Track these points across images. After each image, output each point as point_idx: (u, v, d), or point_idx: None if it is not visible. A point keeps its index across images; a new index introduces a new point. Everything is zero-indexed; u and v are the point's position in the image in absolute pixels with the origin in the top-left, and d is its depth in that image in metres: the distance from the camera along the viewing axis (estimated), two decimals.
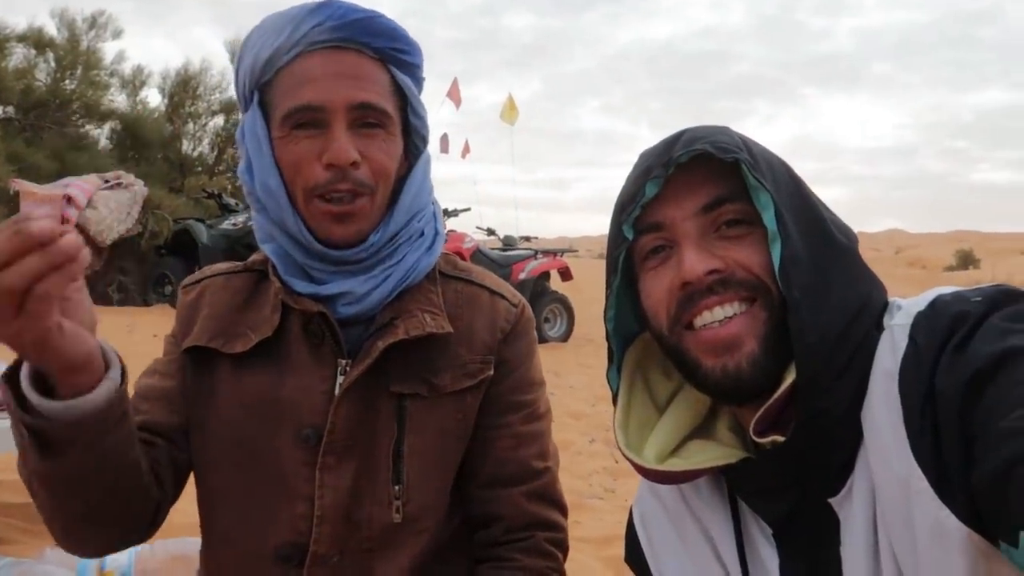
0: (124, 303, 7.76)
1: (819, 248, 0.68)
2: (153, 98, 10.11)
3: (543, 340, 8.54)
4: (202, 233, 7.52)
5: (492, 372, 0.93)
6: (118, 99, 9.81)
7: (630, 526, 0.86)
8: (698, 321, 0.69)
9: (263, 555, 0.87)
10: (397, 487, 0.88)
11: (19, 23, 9.20)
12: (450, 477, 0.92)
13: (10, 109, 8.78)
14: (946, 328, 0.60)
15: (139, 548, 1.93)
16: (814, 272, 0.66)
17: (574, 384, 5.65)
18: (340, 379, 0.88)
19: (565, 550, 0.96)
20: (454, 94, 9.30)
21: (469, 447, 0.93)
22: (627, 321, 0.78)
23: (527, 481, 0.94)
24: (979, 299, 0.62)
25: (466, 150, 11.47)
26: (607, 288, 0.76)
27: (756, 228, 0.68)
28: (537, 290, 8.62)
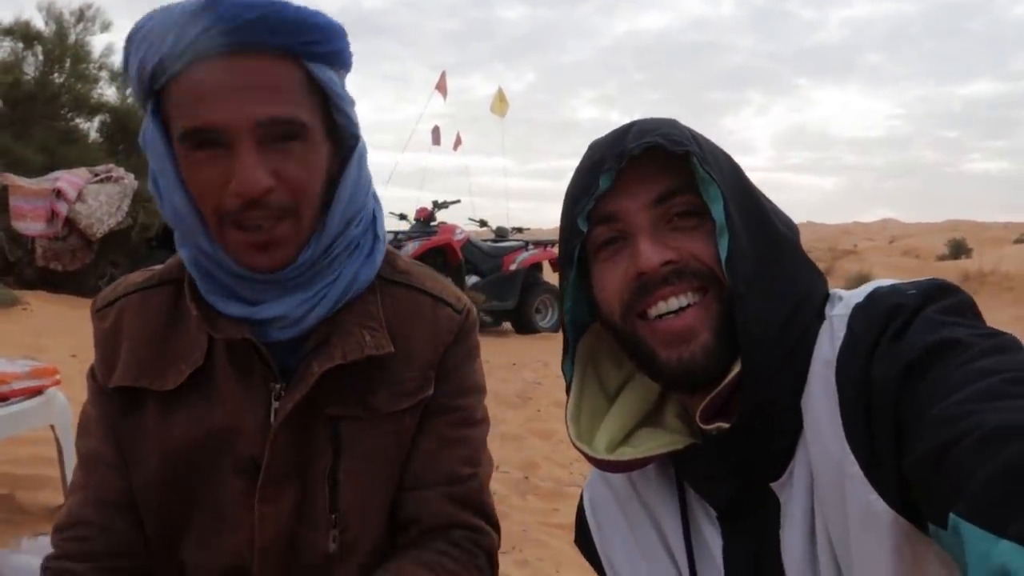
0: None
1: (763, 241, 0.70)
2: None
3: (534, 330, 8.57)
4: None
5: (432, 391, 0.88)
6: (108, 92, 9.77)
7: (580, 510, 0.88)
8: (652, 311, 0.71)
9: (211, 573, 0.85)
10: (334, 515, 0.84)
11: (5, 17, 9.12)
12: (387, 500, 0.87)
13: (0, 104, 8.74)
14: (882, 318, 0.63)
15: None
16: (758, 264, 0.68)
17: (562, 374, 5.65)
18: (275, 404, 0.83)
19: (488, 553, 0.90)
20: (442, 87, 9.28)
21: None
22: (580, 312, 0.79)
23: (451, 484, 0.88)
24: (914, 292, 0.64)
25: (458, 142, 11.45)
26: (562, 280, 0.78)
27: (706, 220, 0.70)
28: (528, 281, 8.65)
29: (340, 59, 0.80)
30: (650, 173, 0.71)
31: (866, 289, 0.68)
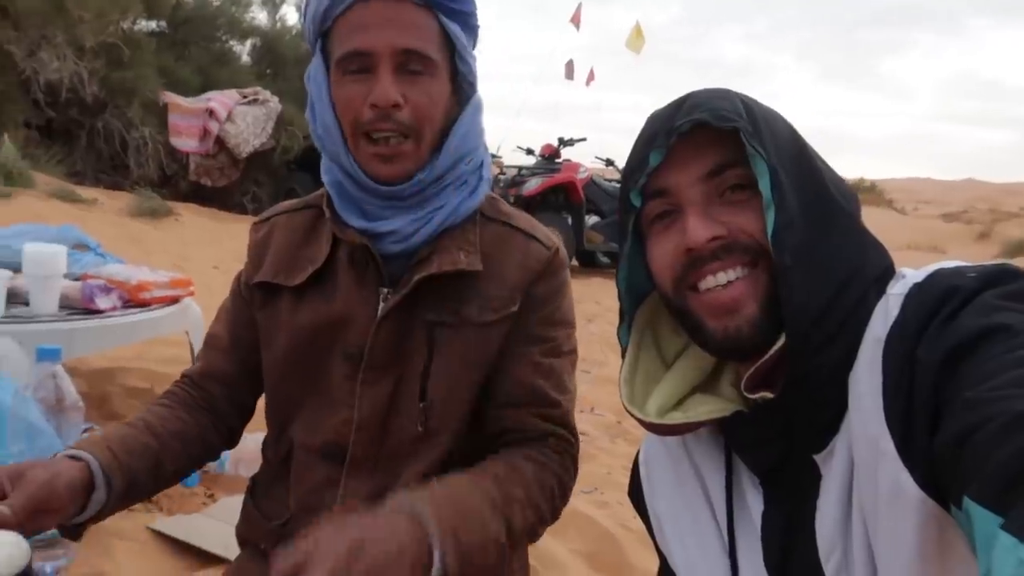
0: (257, 213, 8.23)
1: (815, 213, 0.70)
2: (291, 16, 10.41)
3: None
4: None
5: (516, 308, 0.99)
6: (259, 16, 10.22)
7: (635, 464, 0.92)
8: (702, 284, 0.72)
9: (312, 451, 1.01)
10: (422, 404, 0.98)
11: None
12: (470, 399, 1.00)
13: (162, 23, 9.31)
14: (936, 300, 0.62)
15: None
16: (806, 238, 0.68)
17: None
18: (381, 305, 0.98)
19: (575, 462, 1.02)
20: (576, 19, 9.09)
21: (491, 373, 1.00)
22: (640, 280, 0.81)
23: (541, 406, 1.00)
24: (975, 275, 0.62)
25: (591, 77, 11.21)
26: (619, 250, 0.80)
27: (758, 193, 0.70)
28: None
29: (468, 21, 0.98)
30: (701, 148, 0.71)
31: (929, 269, 0.67)
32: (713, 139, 0.71)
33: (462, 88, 1.00)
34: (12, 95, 7.19)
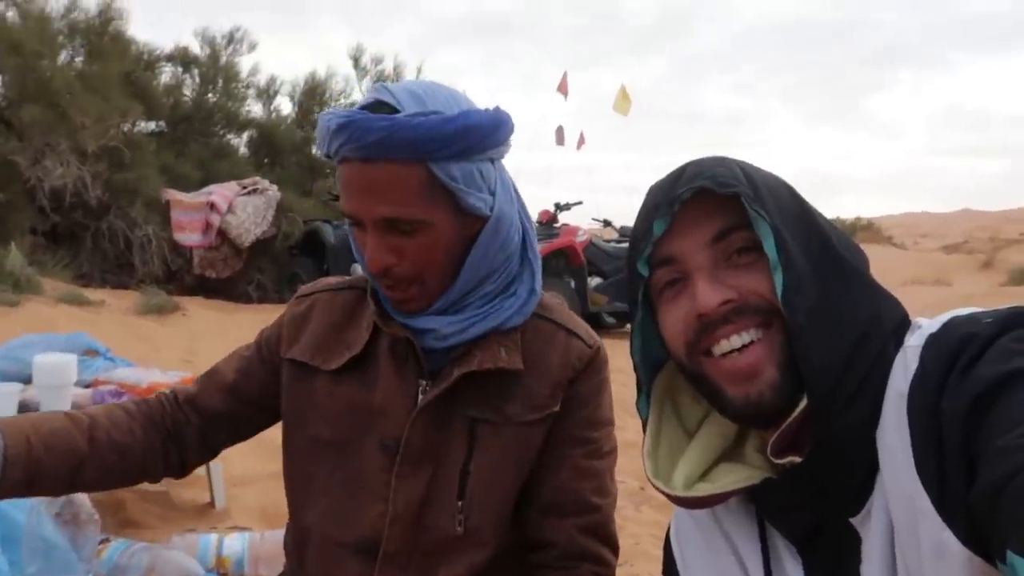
0: (262, 300, 8.30)
1: (823, 271, 0.70)
2: (285, 106, 10.68)
3: None
4: (330, 234, 7.93)
5: (558, 408, 0.98)
6: (254, 108, 10.48)
7: (667, 540, 0.89)
8: (716, 349, 0.72)
9: (345, 546, 0.98)
10: (460, 502, 0.96)
11: (166, 44, 9.98)
12: (511, 499, 0.99)
13: (161, 123, 9.57)
14: (954, 350, 0.61)
15: (251, 536, 2.13)
16: (817, 296, 0.68)
17: None
18: (420, 398, 0.97)
19: None
20: (563, 87, 9.31)
21: (532, 473, 0.99)
22: (654, 349, 0.81)
23: (582, 514, 0.98)
24: (990, 320, 0.62)
25: (581, 141, 11.42)
26: (631, 321, 0.80)
27: (764, 255, 0.70)
28: None
29: (472, 152, 0.90)
30: (704, 214, 0.72)
31: (943, 318, 0.66)
32: (715, 205, 0.71)
33: (474, 215, 0.94)
34: (18, 204, 7.32)
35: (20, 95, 7.47)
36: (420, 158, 0.87)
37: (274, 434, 1.08)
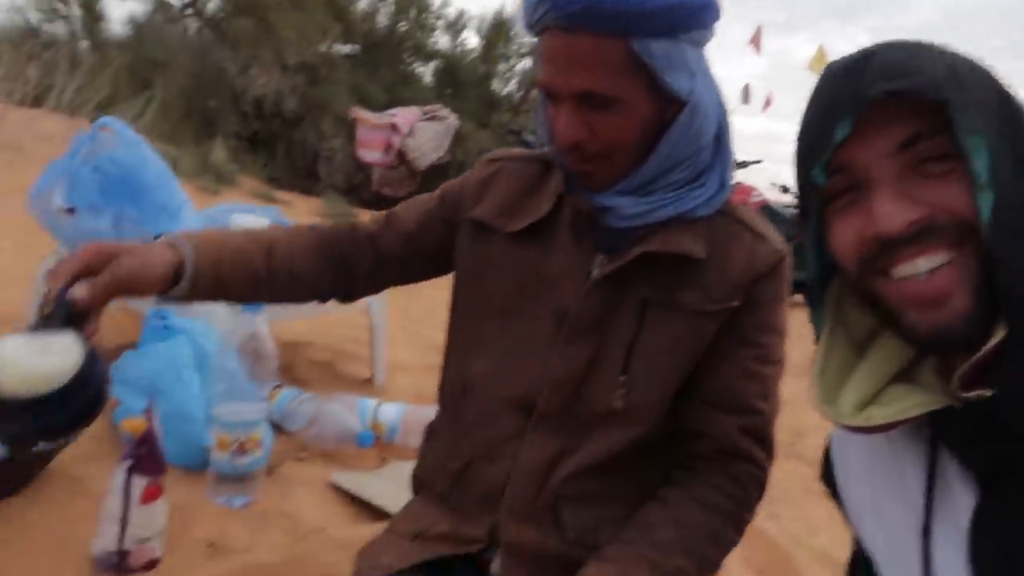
0: None
1: None
2: (471, 40, 10.87)
3: None
4: None
5: (737, 304, 0.95)
6: (442, 40, 10.75)
7: (827, 447, 0.83)
8: (896, 272, 0.62)
9: (503, 400, 0.99)
10: (623, 377, 0.95)
11: None
12: (673, 384, 0.97)
13: (356, 47, 10.04)
14: None
15: (407, 408, 2.23)
16: None
17: None
18: (595, 271, 0.96)
19: (762, 490, 0.99)
20: (756, 41, 8.79)
21: (697, 366, 0.97)
22: (828, 255, 0.72)
23: (743, 414, 0.96)
24: None
25: (767, 103, 10.81)
26: (805, 231, 0.71)
27: (960, 162, 0.59)
28: None
29: (676, 29, 0.86)
30: (894, 113, 0.61)
31: None
32: (908, 104, 0.60)
33: (670, 99, 0.91)
34: (225, 108, 7.99)
35: (235, 8, 8.07)
36: (622, 32, 0.85)
37: (429, 331, 1.08)
